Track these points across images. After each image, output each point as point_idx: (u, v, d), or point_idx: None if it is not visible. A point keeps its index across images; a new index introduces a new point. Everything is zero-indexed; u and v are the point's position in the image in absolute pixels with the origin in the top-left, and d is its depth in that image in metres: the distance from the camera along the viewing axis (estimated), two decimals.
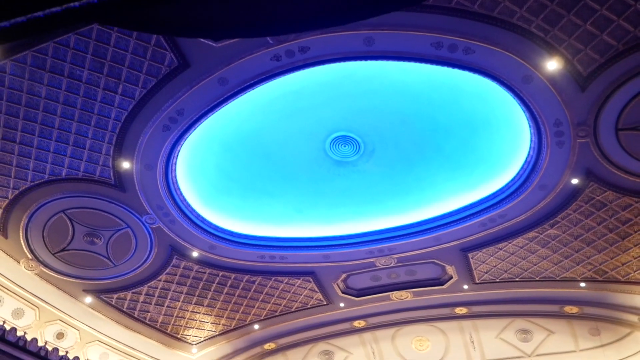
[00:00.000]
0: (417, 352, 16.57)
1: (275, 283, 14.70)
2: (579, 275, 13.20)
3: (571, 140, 10.23)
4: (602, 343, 14.66)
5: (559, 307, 14.45)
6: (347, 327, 16.26)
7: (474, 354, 16.06)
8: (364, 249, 13.71)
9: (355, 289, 15.05)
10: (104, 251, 13.47)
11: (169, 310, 15.13)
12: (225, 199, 13.41)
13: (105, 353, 15.41)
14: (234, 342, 16.32)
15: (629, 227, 11.71)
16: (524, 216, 12.10)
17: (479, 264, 13.58)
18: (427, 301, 15.11)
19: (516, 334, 15.59)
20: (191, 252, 13.69)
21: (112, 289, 14.40)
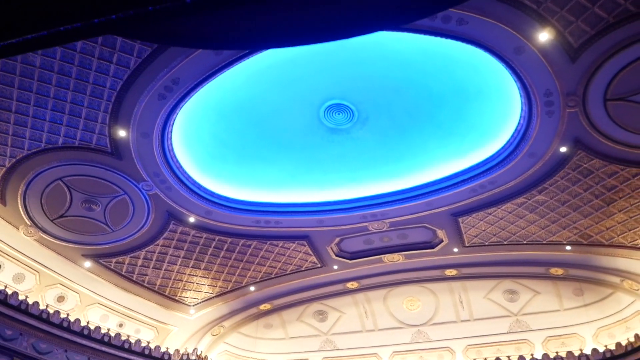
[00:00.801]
0: (408, 312, 17.12)
1: (271, 247, 15.03)
2: (564, 239, 13.62)
3: (560, 109, 10.44)
4: (586, 303, 15.21)
5: (545, 269, 14.91)
6: (341, 288, 16.72)
7: (463, 314, 16.62)
8: (358, 214, 14.00)
9: (348, 252, 15.42)
10: (102, 217, 13.70)
11: (167, 273, 15.49)
12: (220, 165, 13.60)
13: (105, 315, 15.84)
14: (230, 304, 16.76)
15: (614, 193, 12.05)
16: (513, 183, 12.39)
17: (469, 228, 13.94)
18: (418, 263, 15.52)
19: (503, 295, 16.12)
20: (188, 218, 13.95)
21: (110, 253, 14.70)
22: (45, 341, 14.11)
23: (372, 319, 17.38)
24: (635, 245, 13.12)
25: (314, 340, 17.98)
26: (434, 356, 16.66)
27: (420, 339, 17.11)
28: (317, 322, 17.82)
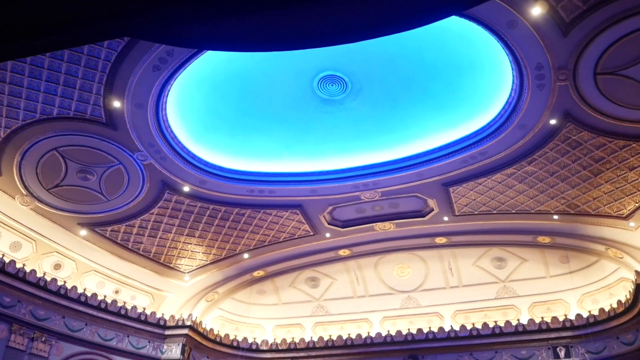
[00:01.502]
0: (398, 278, 17.52)
1: (264, 215, 15.26)
2: (552, 208, 13.93)
3: (551, 83, 10.60)
4: (571, 270, 15.65)
5: (533, 238, 15.27)
6: (333, 255, 17.04)
7: (452, 280, 17.04)
8: (350, 184, 14.21)
9: (340, 220, 15.68)
10: (97, 187, 13.83)
11: (162, 241, 15.72)
12: (215, 136, 13.70)
13: (102, 282, 16.10)
14: (224, 270, 17.07)
15: (601, 164, 12.32)
16: (504, 154, 12.62)
17: (459, 198, 14.21)
18: (409, 232, 15.82)
19: (492, 262, 16.52)
20: (182, 187, 14.11)
21: (106, 222, 14.88)
22: (43, 308, 14.40)
23: (363, 286, 17.78)
24: (620, 215, 13.47)
25: (307, 306, 18.40)
26: (423, 321, 17.13)
27: (410, 305, 17.56)
28: (309, 289, 18.20)
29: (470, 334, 15.80)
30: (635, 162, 12.08)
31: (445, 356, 15.98)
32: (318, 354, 17.19)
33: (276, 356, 17.52)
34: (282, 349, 17.47)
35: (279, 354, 17.51)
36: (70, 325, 14.93)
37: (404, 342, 16.36)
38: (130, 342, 16.00)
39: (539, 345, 15.24)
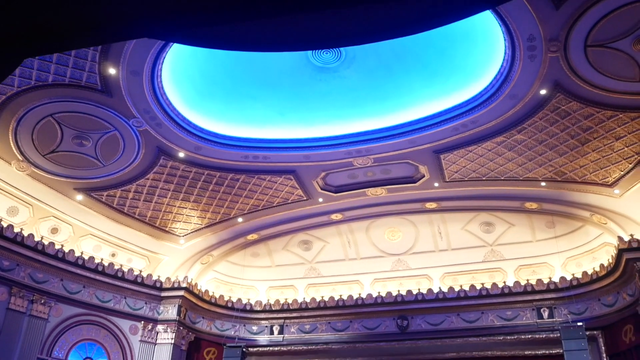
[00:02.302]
0: (389, 242, 17.95)
1: (258, 181, 15.50)
2: (540, 175, 14.28)
3: (542, 54, 10.78)
4: (556, 235, 16.10)
5: (520, 203, 15.66)
6: (325, 219, 17.37)
7: (441, 244, 17.49)
8: (343, 150, 14.43)
9: (333, 185, 15.95)
10: (93, 152, 13.97)
11: (157, 205, 15.95)
12: (210, 103, 13.81)
13: (98, 245, 16.38)
14: (219, 234, 17.38)
15: (589, 134, 12.61)
16: (494, 122, 12.86)
17: (450, 165, 14.50)
18: (400, 197, 16.13)
19: (480, 226, 16.95)
20: (177, 153, 14.28)
21: (101, 187, 15.06)
22: (41, 271, 14.72)
23: (354, 249, 18.21)
24: (605, 183, 13.85)
25: (299, 268, 18.83)
26: (413, 283, 17.64)
27: (400, 267, 18.03)
28: (302, 251, 18.60)
29: (458, 296, 16.33)
30: (621, 132, 12.38)
31: (434, 317, 16.55)
32: (310, 314, 17.72)
33: (270, 316, 18.04)
34: (275, 310, 17.96)
35: (272, 314, 18.02)
36: (68, 287, 15.29)
37: (394, 303, 16.89)
38: (127, 304, 16.42)
39: (524, 307, 15.82)
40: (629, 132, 12.34)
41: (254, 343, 17.76)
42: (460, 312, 16.32)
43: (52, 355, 14.74)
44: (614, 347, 14.71)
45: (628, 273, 13.87)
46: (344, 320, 17.39)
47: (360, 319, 17.24)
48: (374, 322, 17.12)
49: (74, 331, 15.33)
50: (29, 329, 14.25)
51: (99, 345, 15.74)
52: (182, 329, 16.84)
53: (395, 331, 16.76)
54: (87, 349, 15.53)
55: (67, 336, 15.16)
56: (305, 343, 17.53)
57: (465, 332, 16.17)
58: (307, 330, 17.66)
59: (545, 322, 15.39)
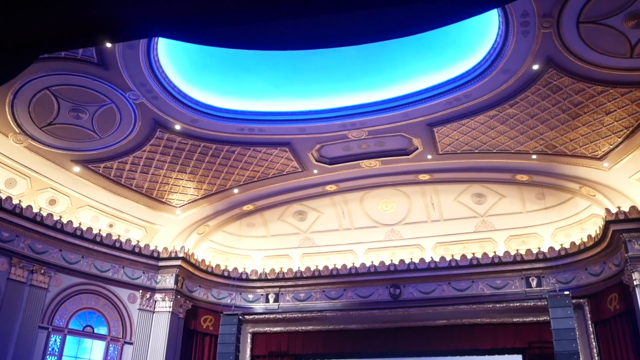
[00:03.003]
0: (382, 212, 18.26)
1: (254, 153, 15.67)
2: (531, 149, 14.53)
3: (535, 30, 10.91)
4: (546, 206, 16.45)
5: (511, 175, 15.94)
6: (320, 190, 17.61)
7: (433, 214, 17.82)
8: (338, 123, 14.58)
9: (328, 157, 16.16)
10: (90, 125, 14.08)
11: (154, 177, 16.13)
12: (206, 75, 13.88)
13: (96, 216, 16.60)
14: (215, 205, 17.62)
15: (579, 109, 12.83)
16: (487, 96, 13.03)
17: (443, 137, 14.71)
18: (394, 169, 16.37)
19: (472, 198, 17.25)
20: (174, 125, 14.40)
21: (98, 159, 15.20)
22: (40, 242, 14.97)
23: (348, 219, 18.52)
24: (595, 156, 14.12)
25: (294, 238, 19.16)
26: (405, 252, 18.02)
27: (393, 237, 18.39)
28: (297, 222, 18.90)
29: (450, 265, 16.74)
30: (611, 107, 12.60)
31: (426, 285, 16.98)
32: (305, 283, 18.12)
33: (265, 285, 18.43)
34: (270, 278, 18.34)
35: (267, 282, 18.40)
36: (67, 257, 15.56)
37: (387, 272, 17.29)
38: (125, 273, 16.73)
39: (513, 276, 16.26)
40: (619, 107, 12.56)
41: (250, 311, 18.19)
42: (451, 281, 16.74)
43: (53, 323, 15.09)
44: (599, 314, 15.21)
45: (614, 244, 14.26)
46: (338, 289, 17.80)
47: (354, 287, 17.65)
48: (367, 290, 17.54)
49: (73, 300, 15.66)
50: (29, 299, 14.55)
51: (98, 313, 16.10)
52: (179, 297, 17.20)
53: (387, 299, 17.19)
54: (87, 318, 15.90)
55: (67, 305, 15.49)
56: (300, 311, 17.98)
57: (456, 300, 16.62)
58: (302, 299, 18.08)
59: (534, 290, 15.85)
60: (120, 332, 16.33)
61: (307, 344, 18.32)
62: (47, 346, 14.85)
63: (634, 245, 13.66)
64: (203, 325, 18.01)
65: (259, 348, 18.49)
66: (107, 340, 16.08)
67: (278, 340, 18.46)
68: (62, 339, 15.25)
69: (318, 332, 18.23)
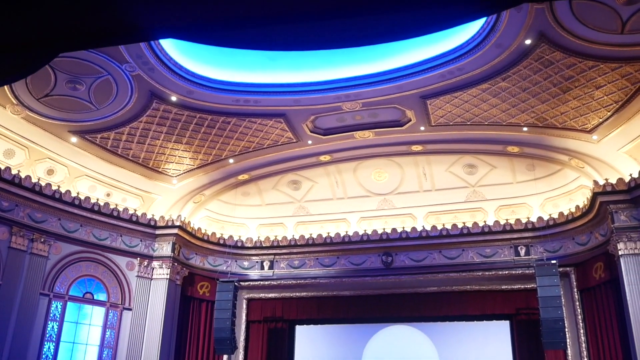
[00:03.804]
0: (375, 182, 18.57)
1: (249, 124, 15.84)
2: (522, 121, 14.77)
3: (529, 5, 11.02)
4: (536, 177, 16.79)
5: (503, 147, 16.21)
6: (314, 161, 17.85)
7: (425, 184, 18.14)
8: (332, 95, 14.74)
9: (322, 128, 16.35)
10: (87, 96, 14.18)
11: (150, 147, 16.31)
12: (202, 47, 13.92)
13: (93, 186, 16.82)
14: (210, 174, 17.86)
15: (570, 82, 13.04)
16: (480, 70, 13.20)
17: (436, 110, 14.91)
18: (387, 140, 16.59)
19: (463, 168, 17.56)
20: (170, 97, 14.52)
21: (95, 129, 15.35)
22: (39, 211, 15.23)
23: (342, 188, 18.82)
24: (584, 129, 14.40)
25: (288, 207, 19.48)
26: (398, 221, 18.39)
27: (386, 206, 18.74)
28: (291, 191, 19.19)
29: (441, 234, 17.15)
30: (601, 82, 12.82)
31: (417, 253, 17.42)
32: (299, 251, 18.53)
33: (260, 252, 18.83)
34: (265, 246, 18.73)
35: (262, 250, 18.80)
36: (66, 226, 15.84)
37: (379, 240, 17.69)
38: (123, 241, 17.06)
39: (502, 245, 16.71)
40: (609, 82, 12.79)
41: (245, 277, 18.63)
42: (442, 250, 17.18)
43: (54, 290, 15.46)
44: (584, 282, 15.75)
45: (601, 215, 14.66)
46: (331, 257, 18.22)
47: (347, 255, 18.07)
48: (359, 258, 17.97)
49: (73, 268, 16.01)
50: (30, 266, 14.88)
51: (98, 280, 16.48)
52: (176, 265, 17.58)
53: (380, 267, 17.64)
54: (86, 285, 16.28)
55: (67, 272, 15.85)
56: (295, 277, 18.44)
57: (446, 268, 17.10)
58: (296, 266, 18.51)
59: (522, 259, 16.31)
60: (119, 298, 16.75)
61: (301, 310, 18.86)
62: (49, 312, 15.26)
63: (620, 216, 14.07)
64: (199, 292, 18.46)
65: (254, 313, 19.02)
66: (106, 307, 16.51)
67: (273, 306, 18.97)
68: (63, 305, 15.65)
69: (312, 298, 18.74)
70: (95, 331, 16.21)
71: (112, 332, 16.40)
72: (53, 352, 15.19)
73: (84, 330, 16.05)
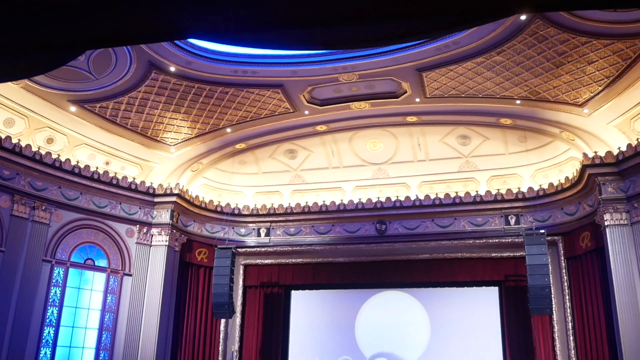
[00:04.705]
0: (370, 152, 18.88)
1: (247, 94, 16.03)
2: (515, 94, 15.05)
3: None
4: (527, 148, 17.16)
5: (496, 119, 16.51)
6: (310, 130, 18.10)
7: (420, 154, 18.48)
8: (329, 66, 14.91)
9: (319, 99, 16.56)
10: (86, 66, 14.31)
11: (149, 117, 16.50)
12: None
13: (92, 154, 17.04)
14: (208, 143, 18.09)
15: (563, 58, 13.29)
16: (475, 44, 13.41)
17: (431, 82, 15.14)
18: (383, 111, 16.84)
19: (457, 139, 17.88)
20: (168, 67, 14.66)
21: (94, 99, 15.49)
22: (40, 179, 15.49)
23: (338, 158, 19.13)
24: (576, 103, 14.71)
25: (285, 175, 19.80)
26: (392, 191, 18.78)
27: (380, 176, 19.10)
28: (287, 160, 19.48)
29: (433, 203, 17.58)
30: (594, 57, 13.08)
31: (410, 222, 17.88)
32: (295, 218, 18.94)
33: (257, 220, 19.23)
34: (262, 214, 19.12)
35: (259, 217, 19.20)
36: (66, 194, 16.12)
37: (374, 209, 18.11)
38: (122, 209, 17.38)
39: (493, 214, 17.18)
40: (601, 58, 13.05)
41: (242, 244, 19.06)
42: (434, 218, 17.64)
43: (56, 257, 15.84)
44: (571, 251, 16.29)
45: (589, 186, 15.11)
46: (327, 224, 18.66)
47: (342, 223, 18.51)
48: (354, 226, 18.41)
49: (74, 235, 16.35)
50: (32, 234, 15.21)
51: (98, 247, 16.85)
52: (175, 232, 17.96)
53: (374, 234, 18.11)
54: (87, 251, 16.65)
55: (68, 239, 16.20)
56: (290, 244, 18.89)
57: (438, 236, 17.59)
58: (292, 233, 18.95)
59: (512, 228, 16.81)
60: (119, 264, 17.16)
61: (296, 276, 19.37)
62: (51, 278, 15.66)
63: (608, 188, 14.51)
64: (198, 258, 18.90)
65: (251, 279, 19.52)
66: (107, 272, 16.93)
67: (269, 271, 19.47)
68: (64, 272, 16.05)
69: (307, 265, 19.24)
70: (97, 296, 16.66)
71: (113, 297, 16.86)
72: (56, 316, 15.65)
73: (86, 296, 16.49)
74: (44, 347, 15.23)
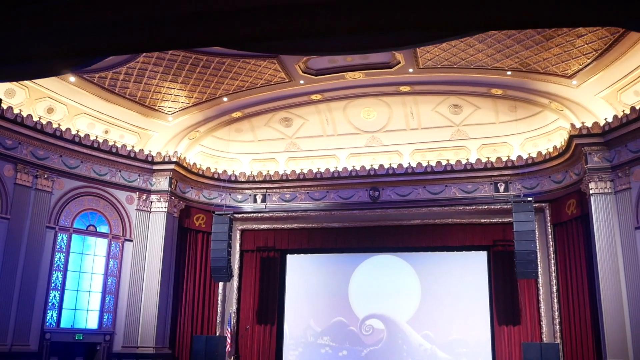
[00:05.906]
0: (364, 120, 19.26)
1: (243, 64, 16.28)
2: (507, 66, 15.38)
3: None
4: (517, 118, 17.59)
5: (487, 89, 16.86)
6: (305, 99, 18.41)
7: (412, 123, 18.88)
8: None
9: (314, 69, 16.83)
10: None
11: (147, 86, 16.77)
12: None
13: (92, 123, 17.36)
14: (205, 112, 18.40)
15: (553, 31, 13.60)
16: None
17: (424, 53, 15.42)
18: (377, 80, 17.13)
19: (449, 108, 18.27)
20: None
21: (93, 69, 15.67)
22: (42, 149, 15.87)
23: (332, 126, 19.50)
24: (565, 74, 15.08)
25: (280, 143, 20.19)
26: (385, 158, 19.24)
27: (374, 144, 19.53)
28: (283, 128, 19.84)
29: (425, 171, 18.09)
30: (583, 31, 13.41)
31: (402, 188, 18.42)
32: (290, 185, 19.45)
33: (253, 186, 19.72)
34: (258, 180, 19.59)
35: (255, 184, 19.68)
36: (67, 163, 16.51)
37: (367, 176, 18.62)
38: (122, 177, 17.81)
39: (483, 181, 17.73)
40: (590, 31, 13.38)
41: (239, 210, 19.58)
42: (426, 185, 18.18)
43: (59, 223, 16.32)
44: (557, 217, 16.93)
45: (576, 155, 15.63)
46: (321, 191, 19.18)
47: (336, 189, 19.03)
48: (348, 192, 18.94)
49: (76, 202, 16.81)
50: (36, 202, 15.66)
51: (99, 214, 17.33)
52: (173, 198, 18.43)
53: (367, 201, 18.66)
54: (89, 218, 17.14)
55: (70, 207, 16.65)
56: (286, 210, 19.44)
57: (429, 202, 18.16)
58: (288, 199, 19.47)
59: (501, 195, 17.39)
60: (120, 230, 17.67)
61: (292, 240, 19.99)
62: (55, 244, 16.19)
63: (594, 158, 15.04)
64: (196, 224, 19.44)
65: (248, 243, 20.13)
66: (109, 238, 17.46)
67: (265, 236, 20.06)
68: (68, 237, 16.56)
69: (302, 230, 19.83)
70: (100, 261, 17.23)
71: (115, 262, 17.43)
72: (61, 280, 16.24)
73: (88, 261, 17.05)
74: (50, 309, 15.85)
